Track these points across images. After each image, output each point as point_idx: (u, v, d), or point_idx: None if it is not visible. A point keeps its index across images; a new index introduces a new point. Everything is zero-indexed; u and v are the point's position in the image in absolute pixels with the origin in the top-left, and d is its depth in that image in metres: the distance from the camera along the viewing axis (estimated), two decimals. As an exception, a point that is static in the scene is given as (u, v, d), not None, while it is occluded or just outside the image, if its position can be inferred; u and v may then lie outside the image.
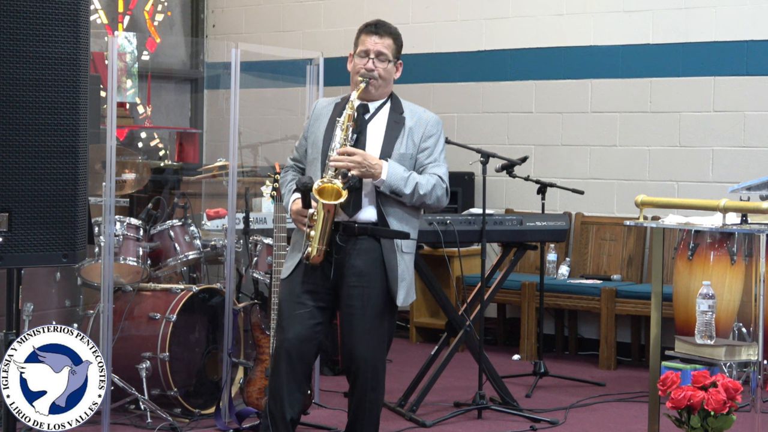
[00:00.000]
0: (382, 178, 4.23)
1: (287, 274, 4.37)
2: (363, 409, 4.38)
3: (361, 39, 4.42)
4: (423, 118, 4.41)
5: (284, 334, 4.32)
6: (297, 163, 4.55)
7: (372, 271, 4.28)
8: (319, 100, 4.62)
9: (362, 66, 4.35)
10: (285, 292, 4.37)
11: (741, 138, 6.98)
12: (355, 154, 4.21)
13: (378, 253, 4.28)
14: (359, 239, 4.29)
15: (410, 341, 7.84)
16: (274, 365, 4.37)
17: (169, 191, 7.22)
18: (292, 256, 4.39)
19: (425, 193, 4.29)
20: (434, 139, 4.40)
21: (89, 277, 5.69)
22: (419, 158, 4.37)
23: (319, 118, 4.46)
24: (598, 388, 6.41)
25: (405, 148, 4.34)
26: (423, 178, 4.31)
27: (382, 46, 4.38)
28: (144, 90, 8.48)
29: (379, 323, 4.31)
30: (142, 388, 5.41)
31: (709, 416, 4.17)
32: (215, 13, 9.30)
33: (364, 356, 4.30)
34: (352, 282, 4.29)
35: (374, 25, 4.44)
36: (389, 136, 4.35)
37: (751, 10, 6.94)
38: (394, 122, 4.37)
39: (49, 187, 3.66)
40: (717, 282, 5.14)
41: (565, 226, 6.16)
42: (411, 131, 4.36)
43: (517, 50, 7.82)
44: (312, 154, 4.41)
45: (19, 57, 3.58)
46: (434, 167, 4.36)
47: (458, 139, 6.87)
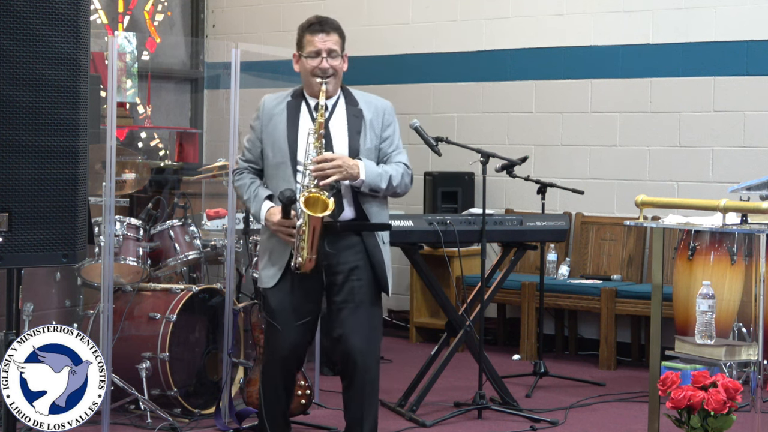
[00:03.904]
0: (362, 178, 4.30)
1: (273, 283, 4.39)
2: (364, 399, 4.40)
3: (307, 39, 4.42)
4: (379, 107, 4.47)
5: (280, 342, 4.41)
6: (251, 164, 4.52)
7: (359, 266, 4.37)
8: (265, 98, 4.57)
9: (316, 66, 4.36)
10: (275, 301, 4.40)
11: (741, 138, 6.98)
12: (334, 159, 4.26)
13: (362, 248, 4.38)
14: (343, 237, 4.36)
15: (410, 341, 7.84)
16: (270, 370, 4.46)
17: (169, 191, 7.22)
18: (272, 263, 4.41)
19: (397, 184, 4.40)
20: (393, 127, 4.49)
21: (89, 277, 5.69)
22: (382, 148, 4.45)
23: (273, 118, 4.44)
24: (598, 388, 6.41)
25: (369, 142, 4.41)
26: (392, 169, 4.40)
27: (332, 42, 4.40)
28: (144, 90, 8.48)
29: (371, 314, 4.40)
30: (142, 388, 5.41)
31: (709, 416, 4.16)
32: (215, 13, 9.30)
33: (360, 348, 4.35)
34: (341, 279, 4.36)
35: (318, 23, 4.44)
36: (352, 132, 4.40)
37: (751, 10, 6.94)
38: (353, 116, 4.42)
39: (49, 187, 3.66)
40: (717, 282, 5.14)
41: (565, 226, 6.16)
42: (371, 123, 4.42)
43: (517, 50, 7.81)
44: (276, 157, 4.40)
45: (19, 57, 3.58)
46: (397, 155, 4.46)
47: (458, 139, 6.86)
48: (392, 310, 8.29)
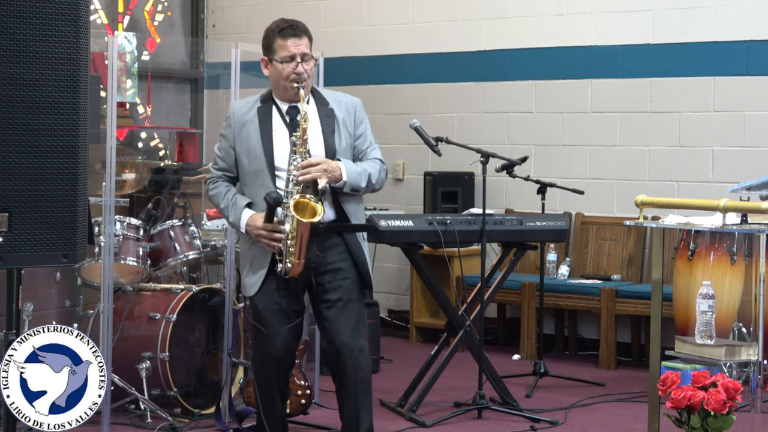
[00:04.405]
0: (344, 179, 4.33)
1: (257, 290, 4.40)
2: (358, 397, 4.42)
3: (278, 43, 4.41)
4: (349, 104, 4.49)
5: (271, 344, 4.43)
6: (225, 172, 4.52)
7: (344, 266, 4.42)
8: (234, 104, 4.57)
9: (292, 70, 4.36)
10: (262, 304, 4.41)
11: (741, 138, 6.98)
12: (318, 164, 4.28)
13: (344, 247, 4.42)
14: (326, 238, 4.39)
15: (410, 341, 7.84)
16: (264, 372, 4.48)
17: (169, 191, 7.21)
18: (254, 270, 4.41)
19: (375, 181, 4.45)
20: (365, 123, 4.53)
21: (89, 277, 5.69)
22: (357, 145, 4.48)
23: (245, 125, 4.44)
24: (598, 388, 6.41)
25: (344, 141, 4.43)
26: (370, 166, 4.43)
27: (304, 46, 4.41)
28: (144, 90, 8.48)
29: (358, 311, 4.44)
30: (142, 388, 5.41)
31: (709, 416, 4.16)
32: (215, 13, 9.29)
33: (351, 345, 4.38)
34: (327, 278, 4.41)
35: (290, 27, 4.44)
36: (327, 133, 4.42)
37: (751, 10, 6.94)
38: (325, 117, 4.43)
39: (49, 187, 3.66)
40: (717, 282, 5.14)
41: (565, 226, 6.16)
42: (344, 122, 4.44)
43: (517, 50, 7.81)
44: (252, 165, 4.40)
45: (19, 57, 3.58)
46: (372, 151, 4.50)
47: (458, 139, 6.86)
48: (392, 310, 8.29)
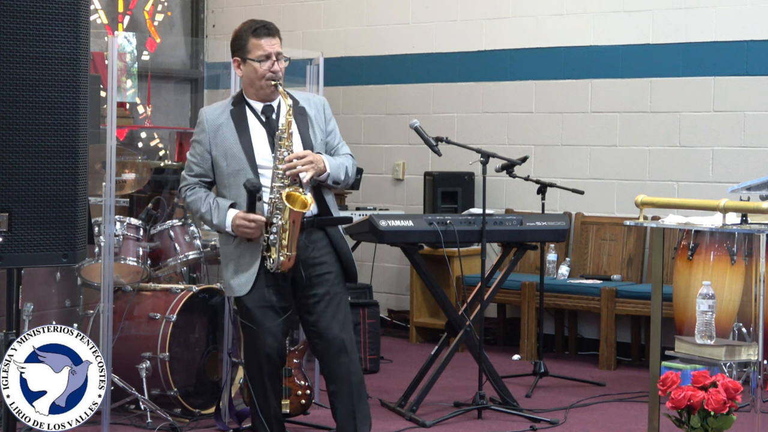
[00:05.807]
0: (328, 171, 4.40)
1: (248, 289, 4.40)
2: (352, 390, 4.44)
3: (252, 43, 4.43)
4: (318, 102, 4.58)
5: (263, 341, 4.44)
6: (202, 178, 4.53)
7: (328, 259, 4.47)
8: (205, 109, 4.57)
9: (268, 69, 4.40)
10: (252, 302, 4.42)
11: (741, 138, 6.98)
12: (305, 156, 4.34)
13: (326, 241, 4.48)
14: (310, 232, 4.44)
15: (410, 341, 7.84)
16: (257, 371, 4.48)
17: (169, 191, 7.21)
18: (243, 270, 4.41)
19: (351, 175, 4.54)
20: (333, 120, 4.63)
21: (89, 277, 5.69)
22: (329, 141, 4.57)
23: (219, 128, 4.45)
24: (598, 388, 6.41)
25: (318, 137, 4.50)
26: (345, 160, 4.52)
27: (278, 45, 4.46)
28: (144, 90, 8.48)
29: (345, 304, 4.51)
30: (142, 388, 5.41)
31: (709, 416, 4.16)
32: (215, 13, 9.30)
33: (342, 336, 4.42)
34: (313, 272, 4.44)
35: (264, 27, 4.46)
36: (302, 129, 4.48)
37: (751, 10, 6.94)
38: (299, 114, 4.49)
39: (49, 187, 3.66)
40: (717, 282, 5.14)
41: (565, 226, 6.16)
42: (315, 119, 4.52)
43: (517, 50, 7.81)
44: (231, 165, 4.42)
45: (19, 57, 3.58)
46: (342, 146, 4.60)
47: (458, 139, 6.86)
48: (392, 310, 8.29)
